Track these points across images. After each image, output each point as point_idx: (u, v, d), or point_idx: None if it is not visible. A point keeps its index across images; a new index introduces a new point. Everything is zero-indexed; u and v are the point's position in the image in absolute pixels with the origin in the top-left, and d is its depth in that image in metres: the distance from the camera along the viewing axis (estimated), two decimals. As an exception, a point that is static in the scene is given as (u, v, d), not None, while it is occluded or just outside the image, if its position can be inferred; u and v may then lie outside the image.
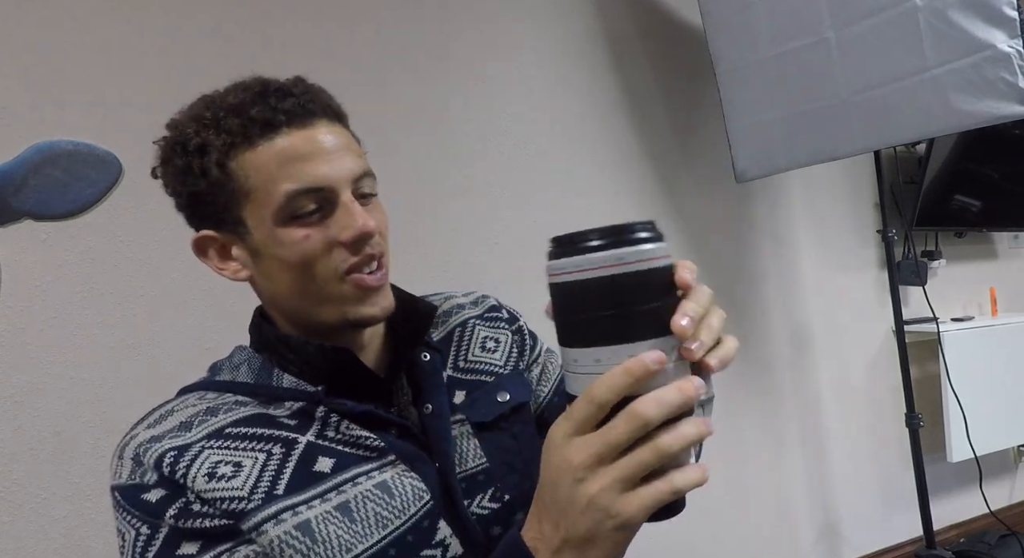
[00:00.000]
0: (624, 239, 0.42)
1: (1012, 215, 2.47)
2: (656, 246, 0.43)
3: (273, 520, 0.56)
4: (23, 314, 1.19)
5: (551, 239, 0.44)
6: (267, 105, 0.60)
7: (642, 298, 0.42)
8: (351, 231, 0.60)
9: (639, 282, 0.42)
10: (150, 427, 0.60)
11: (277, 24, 1.43)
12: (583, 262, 0.42)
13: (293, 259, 0.61)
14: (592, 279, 0.42)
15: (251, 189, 0.60)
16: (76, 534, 1.19)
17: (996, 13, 1.31)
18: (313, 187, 0.60)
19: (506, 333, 0.80)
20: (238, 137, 0.60)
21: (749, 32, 1.67)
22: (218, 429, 0.60)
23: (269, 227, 0.61)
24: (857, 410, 2.21)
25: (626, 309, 0.41)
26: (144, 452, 0.57)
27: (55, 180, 1.20)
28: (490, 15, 1.70)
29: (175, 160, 0.62)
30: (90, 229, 1.24)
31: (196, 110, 0.63)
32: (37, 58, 1.23)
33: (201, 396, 0.64)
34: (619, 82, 1.88)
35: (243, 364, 0.67)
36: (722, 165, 1.86)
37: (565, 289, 0.43)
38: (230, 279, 0.66)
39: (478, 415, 0.71)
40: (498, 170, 1.68)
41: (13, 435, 1.17)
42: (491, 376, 0.75)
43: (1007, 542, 2.03)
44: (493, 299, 0.85)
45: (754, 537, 1.97)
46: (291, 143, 0.60)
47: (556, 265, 0.43)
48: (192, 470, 0.56)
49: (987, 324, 2.25)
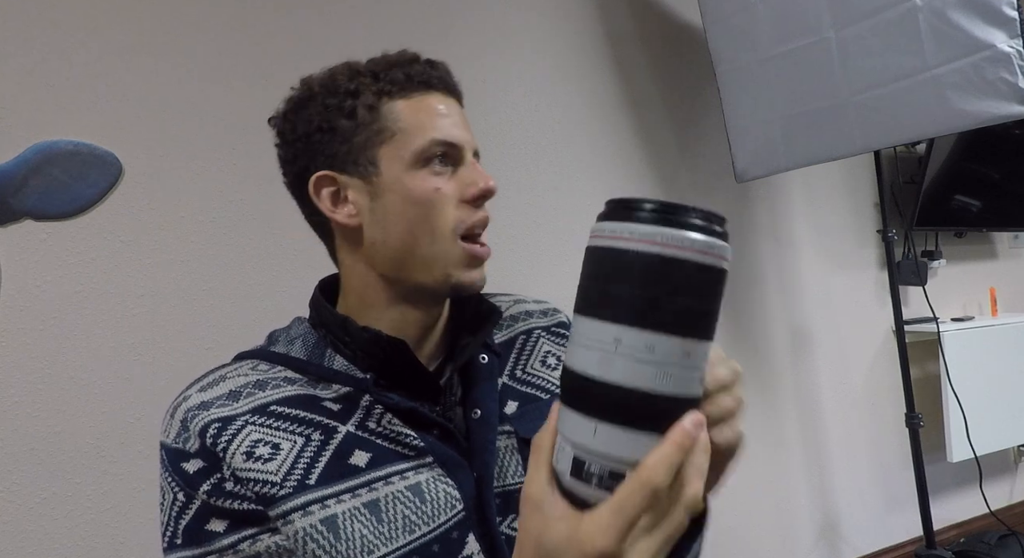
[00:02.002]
0: (698, 226, 0.38)
1: (1012, 215, 2.47)
2: (724, 245, 0.39)
3: (301, 511, 0.56)
4: (23, 314, 1.19)
5: (609, 200, 0.40)
6: (425, 68, 0.67)
7: (689, 292, 0.37)
8: (476, 187, 0.65)
9: (696, 275, 0.38)
10: (203, 391, 0.61)
11: (275, 22, 1.43)
12: (647, 233, 0.37)
13: (420, 202, 0.63)
14: (649, 253, 0.37)
15: (397, 131, 0.64)
16: (76, 534, 1.19)
17: (996, 13, 1.31)
18: (452, 141, 0.65)
19: None
20: (396, 86, 0.65)
21: (749, 32, 1.67)
22: (263, 405, 0.60)
23: (403, 169, 0.64)
24: (857, 410, 2.21)
25: (670, 296, 0.37)
26: (192, 418, 0.59)
27: (55, 180, 1.20)
28: (490, 15, 1.70)
29: (317, 101, 0.65)
30: (90, 229, 1.24)
31: (344, 67, 0.67)
32: (37, 58, 1.23)
33: (254, 366, 0.64)
34: (619, 82, 1.88)
35: (299, 338, 0.67)
36: (722, 165, 1.86)
37: (612, 254, 0.38)
38: (341, 221, 0.66)
39: (528, 430, 0.67)
40: (498, 170, 1.68)
41: (13, 435, 1.17)
42: (547, 393, 0.72)
43: (1007, 542, 2.03)
44: (564, 315, 0.83)
45: (754, 537, 1.97)
46: (439, 103, 0.67)
47: (607, 228, 0.39)
48: (233, 445, 0.57)
49: (987, 324, 2.25)
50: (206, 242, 1.32)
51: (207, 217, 1.32)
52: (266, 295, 1.35)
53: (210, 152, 1.33)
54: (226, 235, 1.33)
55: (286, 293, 1.35)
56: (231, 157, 1.34)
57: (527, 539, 0.40)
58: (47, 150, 1.20)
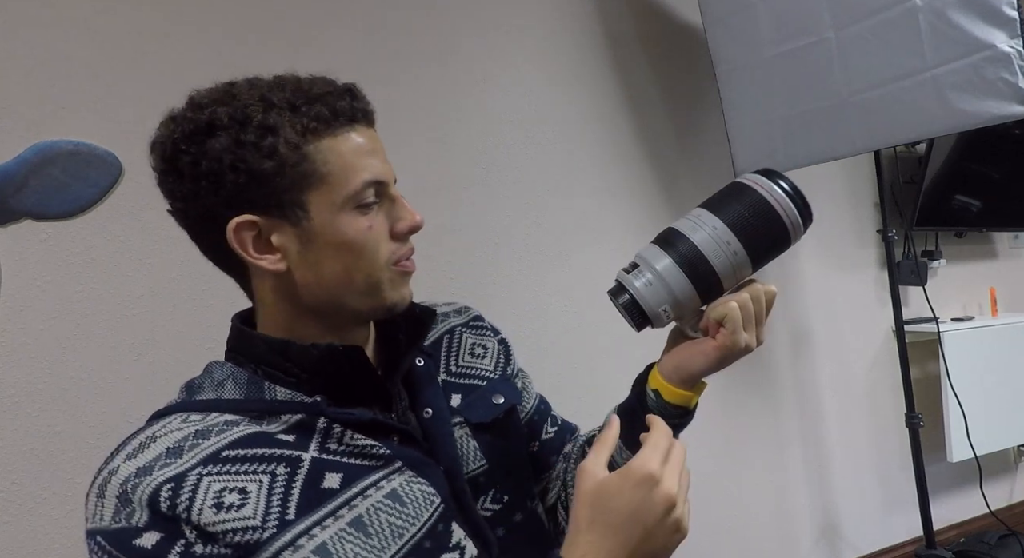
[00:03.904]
0: (806, 219, 0.66)
1: (1012, 215, 2.47)
2: (801, 226, 0.66)
3: (291, 548, 0.54)
4: (23, 314, 1.19)
5: (766, 168, 0.68)
6: (348, 101, 0.63)
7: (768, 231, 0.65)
8: (406, 223, 0.66)
9: (781, 238, 0.66)
10: (130, 458, 0.55)
11: (275, 22, 1.43)
12: (775, 191, 0.65)
13: (354, 244, 0.62)
14: (766, 200, 0.65)
15: (327, 174, 0.60)
16: (76, 534, 1.18)
17: (996, 13, 1.31)
18: (380, 180, 0.63)
19: (492, 341, 0.83)
20: (322, 123, 0.60)
21: (749, 32, 1.67)
22: (213, 453, 0.56)
23: (334, 213, 0.61)
24: (857, 410, 2.21)
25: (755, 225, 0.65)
26: (133, 488, 0.53)
27: (55, 180, 1.20)
28: (490, 16, 1.70)
29: (225, 134, 0.58)
30: (90, 229, 1.24)
31: (248, 92, 0.61)
32: (37, 58, 1.23)
33: (184, 418, 0.59)
34: (619, 82, 1.88)
35: (227, 379, 0.64)
36: (722, 165, 1.86)
37: (747, 190, 0.66)
38: (267, 268, 0.61)
39: (477, 416, 0.73)
40: (498, 170, 1.68)
41: (13, 435, 1.17)
42: (483, 380, 0.77)
43: (1007, 542, 2.03)
44: (476, 310, 0.87)
45: (754, 537, 1.97)
46: (364, 139, 0.63)
47: (754, 177, 0.66)
48: (196, 502, 0.53)
49: (987, 324, 2.25)
50: (206, 242, 1.32)
51: (207, 217, 1.32)
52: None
53: (210, 152, 1.33)
54: (226, 235, 1.33)
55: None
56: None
57: (584, 496, 0.57)
58: (47, 150, 1.20)
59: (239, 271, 0.66)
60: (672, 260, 0.65)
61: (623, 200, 1.85)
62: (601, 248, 1.79)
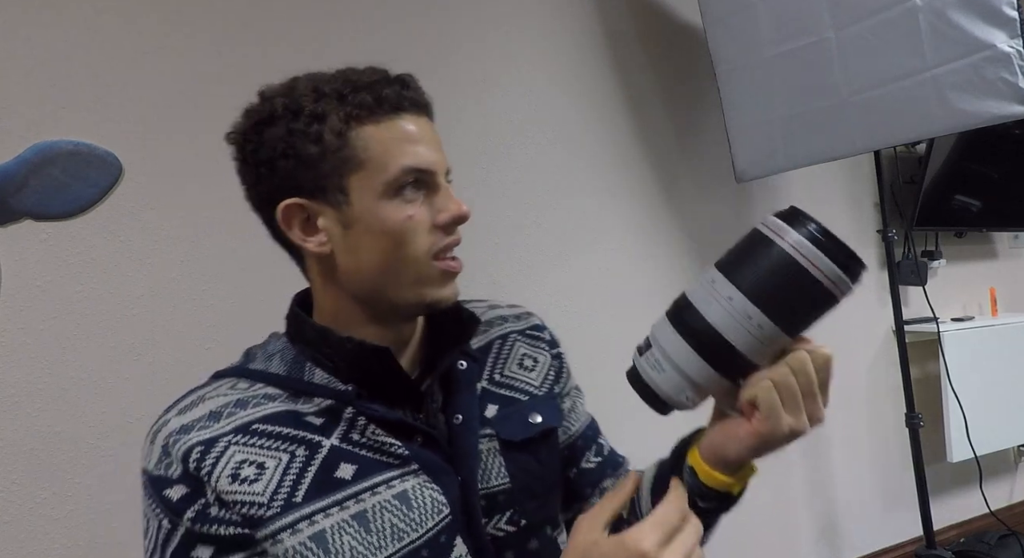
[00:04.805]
0: (850, 268, 0.52)
1: (1012, 215, 2.47)
2: (845, 279, 0.52)
3: (290, 530, 0.56)
4: (23, 314, 1.19)
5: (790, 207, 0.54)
6: (396, 89, 0.63)
7: (798, 295, 0.52)
8: (449, 213, 0.64)
9: (820, 298, 0.52)
10: (181, 413, 0.61)
11: (276, 25, 1.43)
12: (799, 242, 0.51)
13: (393, 232, 0.62)
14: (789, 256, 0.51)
15: (366, 159, 0.61)
16: (76, 534, 1.19)
17: (996, 13, 1.31)
18: (424, 167, 0.63)
19: (545, 355, 0.79)
20: (365, 110, 0.62)
21: (749, 32, 1.67)
22: (245, 424, 0.60)
23: (373, 199, 0.62)
24: (857, 410, 2.21)
25: (782, 290, 0.51)
26: (173, 443, 0.58)
27: (55, 180, 1.20)
28: (489, 16, 1.70)
29: (280, 124, 0.62)
30: (90, 229, 1.24)
31: (306, 84, 0.64)
32: (37, 58, 1.23)
33: (233, 384, 0.64)
34: (619, 82, 1.88)
35: (277, 354, 0.67)
36: (722, 165, 1.86)
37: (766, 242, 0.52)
38: (312, 250, 0.64)
39: (508, 433, 0.69)
40: (498, 170, 1.68)
41: (13, 434, 1.16)
42: (525, 395, 0.74)
43: (1007, 542, 2.03)
44: (538, 318, 0.83)
45: (754, 537, 1.97)
46: (410, 126, 0.63)
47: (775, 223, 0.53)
48: (217, 469, 0.57)
49: (987, 324, 2.25)
50: (206, 242, 1.32)
51: (207, 217, 1.32)
52: (265, 296, 1.35)
53: (210, 152, 1.33)
54: (226, 235, 1.33)
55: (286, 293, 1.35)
56: (232, 157, 1.34)
57: (574, 550, 0.53)
58: (47, 150, 1.20)
59: (296, 255, 0.69)
60: (684, 341, 0.54)
61: (623, 200, 1.85)
62: (601, 248, 1.78)
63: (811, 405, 0.57)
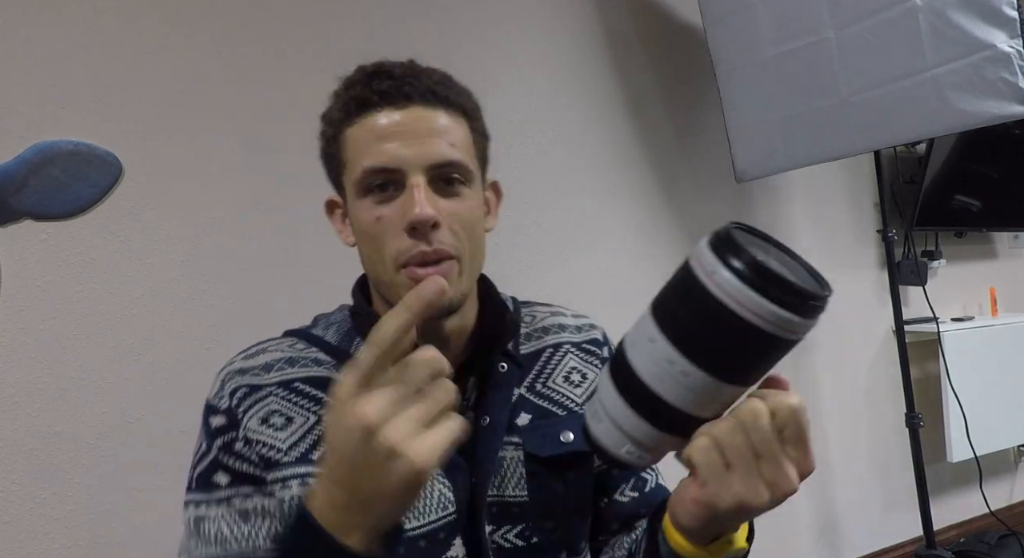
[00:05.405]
0: (797, 306, 0.40)
1: (1012, 215, 2.47)
2: (793, 320, 0.41)
3: (299, 479, 0.60)
4: (23, 314, 1.19)
5: (727, 230, 0.43)
6: (366, 85, 0.63)
7: (748, 354, 0.42)
8: (406, 218, 0.60)
9: (763, 342, 0.41)
10: (245, 359, 0.67)
11: (276, 25, 1.43)
12: (745, 297, 0.40)
13: (365, 233, 0.64)
14: (724, 304, 0.40)
15: (347, 160, 0.64)
16: (76, 534, 1.19)
17: (996, 13, 1.31)
18: (386, 167, 0.61)
19: (596, 372, 0.75)
20: (342, 112, 0.64)
21: (749, 32, 1.67)
22: (288, 380, 0.65)
23: (353, 199, 0.65)
24: (857, 410, 2.21)
25: (718, 341, 0.42)
26: (228, 379, 0.65)
27: (55, 180, 1.20)
28: (489, 17, 1.70)
29: (323, 125, 0.68)
30: (90, 229, 1.24)
31: (340, 83, 0.68)
32: (37, 58, 1.23)
33: (293, 344, 0.69)
34: (619, 82, 1.88)
35: (335, 325, 0.71)
36: (722, 165, 1.86)
37: (696, 285, 0.42)
38: (344, 241, 0.70)
39: (534, 446, 0.67)
40: (498, 171, 1.67)
41: (13, 434, 1.16)
42: (564, 410, 0.70)
43: (1007, 542, 2.03)
44: (601, 332, 0.80)
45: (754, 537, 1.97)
46: (379, 122, 0.62)
47: (707, 259, 0.42)
48: (251, 411, 0.62)
49: (987, 324, 2.25)
50: (206, 242, 1.32)
51: (207, 217, 1.32)
52: (266, 296, 1.35)
53: (210, 152, 1.33)
54: (226, 235, 1.33)
55: (286, 294, 1.35)
56: (232, 157, 1.34)
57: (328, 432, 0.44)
58: (47, 150, 1.20)
59: None
60: (616, 391, 0.46)
61: (623, 200, 1.85)
62: (601, 248, 1.78)
63: (770, 469, 0.44)
